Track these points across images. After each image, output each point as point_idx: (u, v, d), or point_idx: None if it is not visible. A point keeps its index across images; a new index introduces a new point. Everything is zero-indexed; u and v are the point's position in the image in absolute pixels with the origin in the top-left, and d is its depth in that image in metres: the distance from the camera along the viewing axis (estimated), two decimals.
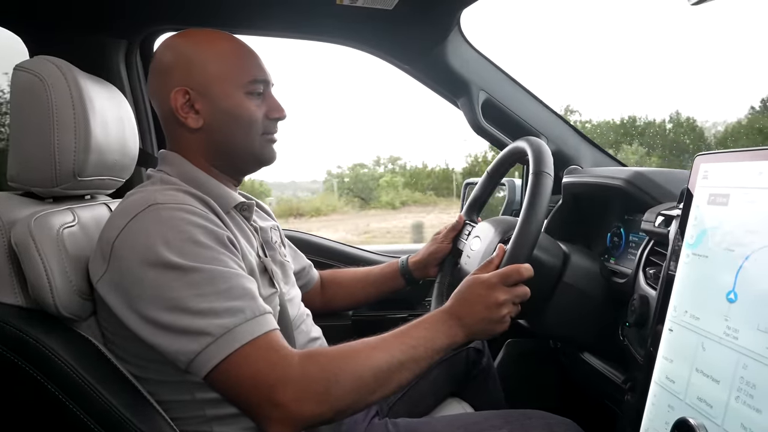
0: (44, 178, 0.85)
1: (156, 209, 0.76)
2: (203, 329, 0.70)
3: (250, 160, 0.94)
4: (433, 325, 0.82)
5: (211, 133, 0.90)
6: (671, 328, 0.72)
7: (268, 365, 0.71)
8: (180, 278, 0.72)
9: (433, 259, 1.27)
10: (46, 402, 0.74)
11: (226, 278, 0.74)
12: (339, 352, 0.76)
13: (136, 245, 0.74)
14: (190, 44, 0.90)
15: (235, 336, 0.71)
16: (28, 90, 0.84)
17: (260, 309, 0.75)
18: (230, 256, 0.78)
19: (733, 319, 0.61)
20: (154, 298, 0.72)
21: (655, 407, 0.72)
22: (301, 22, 1.32)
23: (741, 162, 0.66)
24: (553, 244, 1.05)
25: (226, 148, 0.91)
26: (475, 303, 0.84)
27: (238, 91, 0.89)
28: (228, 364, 0.70)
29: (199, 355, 0.70)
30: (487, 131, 1.43)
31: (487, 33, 15.19)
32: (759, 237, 0.60)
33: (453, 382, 1.29)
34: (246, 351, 0.71)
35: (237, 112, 0.89)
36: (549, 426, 0.94)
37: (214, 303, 0.72)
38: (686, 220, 0.74)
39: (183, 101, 0.87)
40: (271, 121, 0.93)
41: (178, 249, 0.73)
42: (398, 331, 0.80)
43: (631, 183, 1.06)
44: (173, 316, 0.71)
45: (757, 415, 0.55)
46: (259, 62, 0.92)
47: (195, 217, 0.77)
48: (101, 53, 1.30)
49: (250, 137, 0.91)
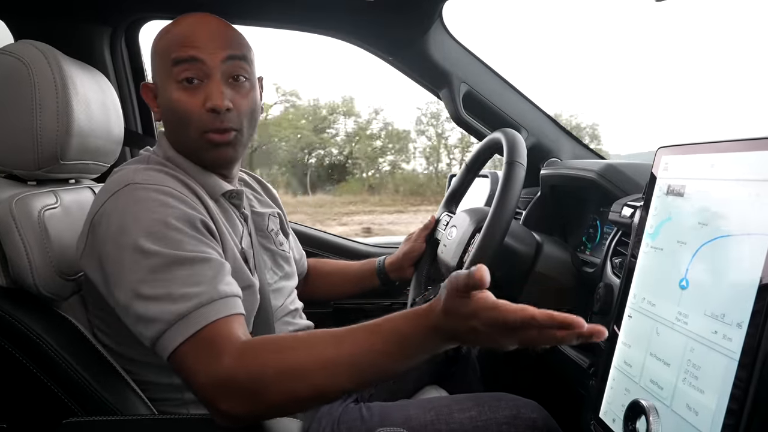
0: (26, 161, 0.87)
1: (133, 189, 0.77)
2: (156, 316, 0.69)
3: (198, 159, 0.87)
4: (410, 342, 0.65)
5: (166, 129, 0.90)
6: (630, 314, 0.75)
7: (202, 363, 0.67)
8: (141, 261, 0.71)
9: (408, 260, 1.26)
10: (23, 379, 0.76)
11: (189, 262, 0.72)
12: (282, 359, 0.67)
13: (110, 224, 0.75)
14: (159, 33, 0.88)
15: (189, 322, 0.68)
16: (11, 73, 0.86)
17: (219, 292, 0.71)
18: (201, 239, 0.76)
19: (684, 305, 0.64)
20: (119, 279, 0.72)
21: (614, 390, 0.75)
22: (284, 13, 1.33)
23: (696, 154, 0.68)
24: (526, 233, 1.08)
25: (178, 145, 0.88)
26: (470, 333, 0.61)
27: (169, 81, 0.82)
28: (181, 353, 0.68)
29: (157, 341, 0.69)
30: (468, 123, 1.45)
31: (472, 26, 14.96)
32: (708, 230, 0.63)
33: (433, 370, 1.32)
34: (196, 340, 0.68)
35: (170, 107, 0.83)
36: (516, 407, 0.97)
37: (171, 288, 0.70)
38: (648, 210, 0.76)
39: (150, 95, 0.89)
40: (210, 114, 0.81)
41: (148, 230, 0.73)
42: (364, 341, 0.66)
43: (602, 175, 1.09)
44: (133, 301, 0.71)
45: (700, 395, 0.58)
46: (192, 37, 0.81)
47: (169, 198, 0.77)
48: (87, 39, 1.32)
49: (188, 134, 0.84)
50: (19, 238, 0.79)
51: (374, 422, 0.97)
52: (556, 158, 1.47)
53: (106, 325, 0.85)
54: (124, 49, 1.40)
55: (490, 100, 1.44)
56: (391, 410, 1.01)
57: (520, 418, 0.95)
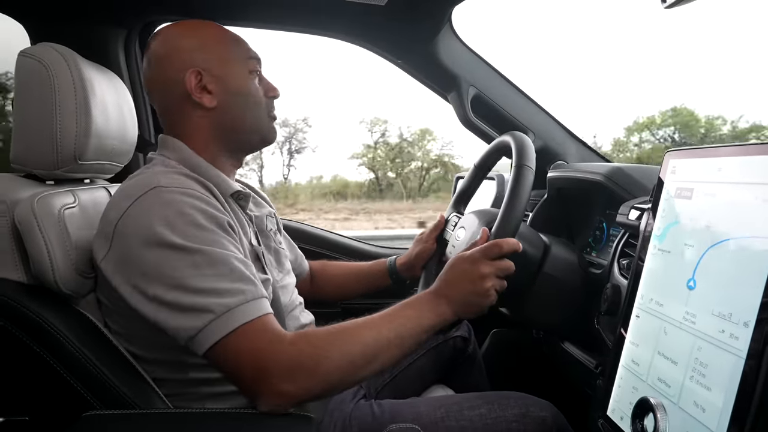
0: (46, 161, 0.89)
1: (158, 192, 0.79)
2: (205, 307, 0.73)
3: (258, 139, 0.99)
4: (420, 305, 0.85)
5: (223, 114, 0.93)
6: (638, 314, 0.77)
7: (263, 343, 0.74)
8: (183, 258, 0.75)
9: (420, 260, 1.28)
10: (44, 373, 0.78)
11: (228, 261, 0.77)
12: (328, 331, 0.79)
13: (139, 226, 0.77)
14: (187, 32, 0.94)
15: (236, 315, 0.73)
16: (32, 75, 0.88)
17: (259, 293, 0.78)
18: (230, 240, 0.81)
19: (691, 305, 0.66)
20: (157, 276, 0.75)
21: (621, 389, 0.77)
22: (296, 16, 1.35)
23: (704, 158, 0.70)
24: (534, 235, 1.09)
25: (237, 128, 0.95)
26: (460, 279, 0.87)
27: (243, 70, 0.95)
28: (227, 342, 0.73)
29: (200, 332, 0.73)
30: (476, 125, 1.47)
31: (479, 30, 15.32)
32: (715, 232, 0.64)
33: (439, 369, 1.33)
34: (244, 330, 0.73)
35: (246, 91, 0.95)
36: (526, 405, 0.99)
37: (216, 283, 0.74)
38: (656, 212, 0.78)
39: (196, 82, 0.91)
40: (269, 99, 0.99)
41: (181, 231, 0.76)
42: (386, 312, 0.83)
43: (609, 178, 1.10)
44: (176, 294, 0.74)
45: (708, 392, 0.59)
46: (246, 43, 0.99)
47: (196, 201, 0.80)
48: (101, 41, 1.33)
49: (258, 115, 0.97)
50: (40, 236, 0.81)
51: (385, 419, 0.99)
52: (563, 161, 1.48)
53: (119, 326, 0.86)
54: (138, 52, 1.42)
55: (498, 103, 1.45)
56: (401, 407, 1.02)
57: (529, 416, 0.97)
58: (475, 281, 0.86)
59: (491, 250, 0.87)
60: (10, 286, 0.81)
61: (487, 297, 0.86)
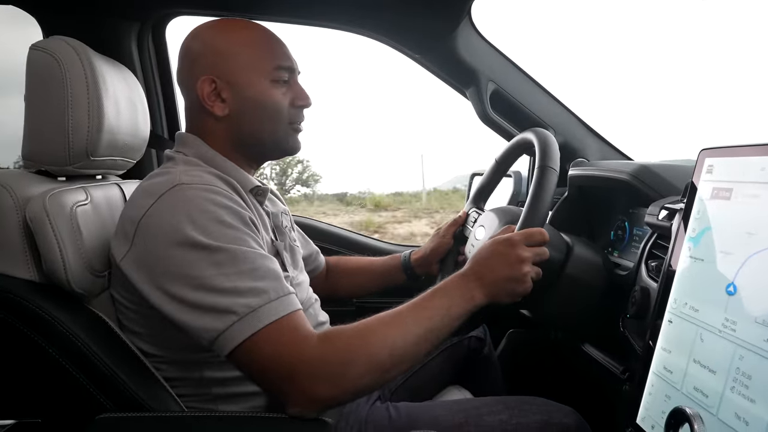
0: (58, 157, 0.87)
1: (181, 189, 0.78)
2: (228, 308, 0.71)
3: (275, 148, 0.96)
4: (449, 291, 0.82)
5: (237, 122, 0.90)
6: (671, 319, 0.74)
7: (289, 345, 0.72)
8: (206, 257, 0.73)
9: (435, 255, 1.26)
10: (56, 375, 0.76)
11: (251, 258, 0.75)
12: (355, 332, 0.76)
13: (163, 224, 0.75)
14: (217, 33, 0.91)
15: (260, 316, 0.72)
16: (44, 70, 0.86)
17: (284, 290, 0.76)
18: (254, 237, 0.79)
19: (731, 312, 0.62)
20: (180, 276, 0.73)
21: (653, 397, 0.74)
22: (315, 9, 1.33)
23: (745, 157, 0.67)
24: (556, 235, 1.06)
25: (252, 137, 0.92)
26: (497, 261, 0.84)
27: (264, 80, 0.90)
28: (251, 343, 0.71)
29: (223, 333, 0.71)
30: (495, 122, 1.44)
31: (500, 23, 15.11)
32: (758, 240, 0.61)
33: (454, 370, 1.31)
34: (269, 330, 0.71)
35: (262, 100, 0.90)
36: (548, 412, 0.96)
37: (238, 282, 0.73)
38: (689, 213, 0.75)
39: (209, 90, 0.88)
40: (296, 109, 0.94)
41: (204, 228, 0.74)
42: (413, 303, 0.80)
43: (636, 177, 1.07)
44: (199, 294, 0.72)
45: (751, 405, 0.56)
46: (284, 49, 0.93)
47: (220, 197, 0.79)
48: (114, 35, 1.32)
49: (276, 126, 0.92)
50: (52, 234, 0.79)
51: (402, 422, 0.97)
52: (584, 158, 1.45)
53: (135, 324, 0.85)
54: (151, 45, 1.41)
55: (518, 98, 1.42)
56: (418, 411, 1.00)
57: (551, 423, 0.94)
58: (513, 265, 0.83)
59: (533, 236, 0.85)
60: (21, 285, 0.79)
61: (524, 283, 0.84)
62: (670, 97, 44.76)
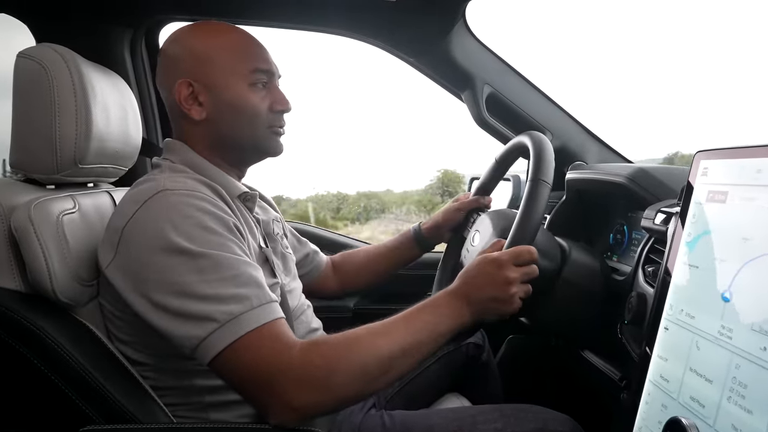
0: (45, 165, 0.86)
1: (165, 195, 0.77)
2: (208, 315, 0.70)
3: (254, 151, 0.95)
4: (437, 308, 0.81)
5: (215, 125, 0.90)
6: (667, 326, 0.72)
7: (270, 353, 0.70)
8: (187, 263, 0.72)
9: (447, 223, 1.27)
10: (42, 385, 0.75)
11: (233, 265, 0.74)
12: (341, 340, 0.75)
13: (146, 230, 0.75)
14: (195, 37, 0.90)
15: (240, 323, 0.71)
16: (31, 77, 0.85)
17: (266, 297, 0.75)
18: (237, 243, 0.79)
19: (727, 319, 0.61)
20: (162, 282, 0.73)
21: (649, 406, 0.72)
22: (308, 13, 1.32)
23: (740, 159, 0.65)
24: (551, 244, 1.04)
25: (230, 140, 0.91)
26: (484, 281, 0.82)
27: (241, 83, 0.89)
28: (232, 351, 0.70)
29: (204, 340, 0.70)
30: (491, 125, 1.43)
31: (495, 26, 14.90)
32: (753, 246, 0.59)
33: (452, 377, 1.30)
34: (250, 338, 0.70)
35: (239, 103, 0.89)
36: (544, 420, 0.94)
37: (219, 289, 0.72)
38: (685, 217, 0.73)
39: (186, 93, 0.88)
40: (275, 113, 0.93)
41: (187, 234, 0.74)
42: (401, 316, 0.79)
43: (633, 180, 1.05)
44: (179, 301, 0.71)
45: (748, 416, 0.54)
46: (263, 53, 0.92)
47: (204, 203, 0.78)
48: (106, 42, 1.31)
49: (254, 129, 0.91)
50: (37, 244, 0.78)
51: (396, 431, 0.95)
52: (582, 161, 1.43)
53: (123, 333, 0.84)
54: (144, 52, 1.40)
55: (514, 102, 1.41)
56: (413, 419, 0.99)
57: (547, 431, 0.92)
58: (500, 286, 0.82)
59: (522, 255, 0.84)
60: (6, 295, 0.78)
61: (511, 304, 0.83)
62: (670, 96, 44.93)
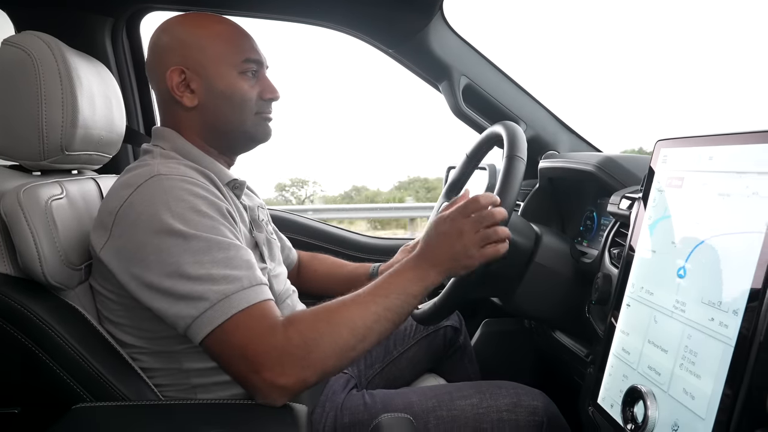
0: (32, 152, 0.88)
1: (159, 179, 0.79)
2: (201, 295, 0.73)
3: (243, 138, 0.97)
4: (403, 273, 0.85)
5: (205, 112, 0.92)
6: (629, 303, 0.77)
7: (256, 334, 0.73)
8: (180, 244, 0.75)
9: None
10: (32, 365, 0.77)
11: (225, 247, 0.77)
12: (315, 314, 0.78)
13: (141, 213, 0.77)
14: (187, 26, 0.92)
15: (232, 302, 0.73)
16: (16, 65, 0.86)
17: (257, 279, 0.77)
18: (229, 228, 0.81)
19: (681, 294, 0.66)
20: (155, 263, 0.75)
21: (612, 377, 0.77)
22: (288, 4, 1.34)
23: (695, 147, 0.70)
24: (525, 225, 1.09)
25: (220, 127, 0.94)
26: (439, 240, 0.87)
27: (232, 71, 0.92)
28: (222, 331, 0.73)
29: (196, 319, 0.73)
30: (468, 116, 1.46)
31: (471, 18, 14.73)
32: (704, 228, 0.65)
33: (430, 359, 1.34)
34: (239, 318, 0.73)
35: (230, 91, 0.91)
36: (517, 395, 0.99)
37: (212, 270, 0.74)
38: (647, 202, 0.78)
39: (179, 80, 0.90)
40: (264, 101, 0.96)
41: (181, 216, 0.76)
42: (372, 285, 0.83)
43: (600, 168, 1.10)
44: (173, 281, 0.74)
45: (697, 380, 0.60)
46: (252, 43, 0.95)
47: (197, 188, 0.80)
48: (88, 29, 1.31)
49: (243, 116, 0.94)
50: (27, 228, 0.80)
51: (377, 409, 0.99)
52: (555, 151, 1.48)
53: (115, 315, 0.86)
54: (126, 41, 1.40)
55: (490, 93, 1.45)
56: (393, 397, 1.02)
57: (521, 405, 0.97)
58: (455, 241, 0.86)
59: (468, 207, 0.87)
60: None
61: (471, 257, 0.86)
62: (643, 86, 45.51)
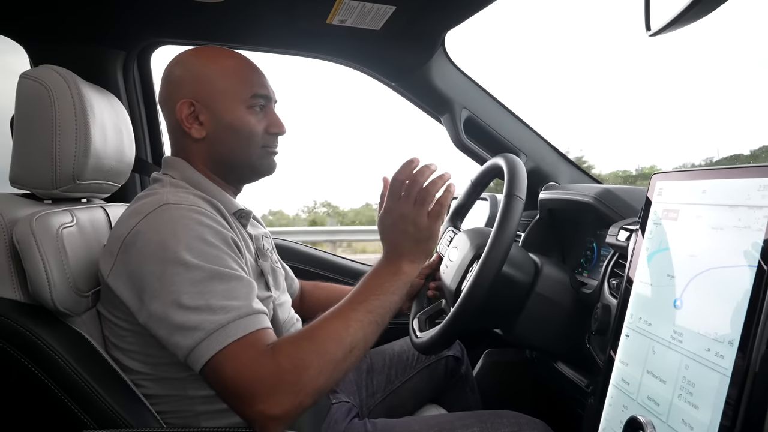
0: (45, 181, 0.90)
1: (168, 209, 0.81)
2: (197, 325, 0.73)
3: (249, 170, 1.00)
4: (377, 274, 0.89)
5: (213, 144, 0.95)
6: (627, 333, 0.78)
7: (248, 363, 0.73)
8: (183, 273, 0.76)
9: (408, 294, 1.23)
10: (38, 392, 0.78)
11: (226, 278, 0.78)
12: (300, 335, 0.79)
13: (149, 241, 0.78)
14: (198, 60, 0.95)
15: (227, 332, 0.73)
16: (34, 97, 0.89)
17: (254, 308, 0.78)
18: (234, 258, 0.82)
19: (678, 325, 0.67)
20: (159, 291, 0.76)
21: (612, 408, 0.77)
22: (294, 39, 1.38)
23: (689, 180, 0.72)
24: (524, 259, 1.10)
25: (227, 158, 0.96)
26: (392, 232, 0.91)
27: (240, 106, 0.95)
28: (217, 361, 0.73)
29: (193, 350, 0.73)
30: (469, 147, 1.49)
31: (472, 52, 15.00)
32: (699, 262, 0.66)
33: (432, 389, 1.34)
34: (234, 348, 0.73)
35: (237, 125, 0.95)
36: (519, 425, 0.99)
37: (211, 300, 0.75)
38: (644, 233, 0.80)
39: (188, 112, 0.93)
40: (271, 135, 0.99)
41: (186, 245, 0.77)
42: (350, 295, 0.86)
43: (599, 200, 1.12)
44: (173, 311, 0.75)
45: (695, 410, 0.60)
46: (261, 79, 0.98)
47: (204, 218, 0.82)
48: (100, 63, 1.35)
49: (249, 149, 0.97)
50: (38, 255, 0.82)
51: None
52: (555, 182, 1.51)
53: (121, 341, 0.87)
54: (136, 73, 1.45)
55: (491, 125, 1.48)
56: (394, 426, 1.02)
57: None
58: (404, 225, 0.89)
59: (394, 191, 0.91)
60: (6, 305, 0.81)
61: (425, 228, 0.90)
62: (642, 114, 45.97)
